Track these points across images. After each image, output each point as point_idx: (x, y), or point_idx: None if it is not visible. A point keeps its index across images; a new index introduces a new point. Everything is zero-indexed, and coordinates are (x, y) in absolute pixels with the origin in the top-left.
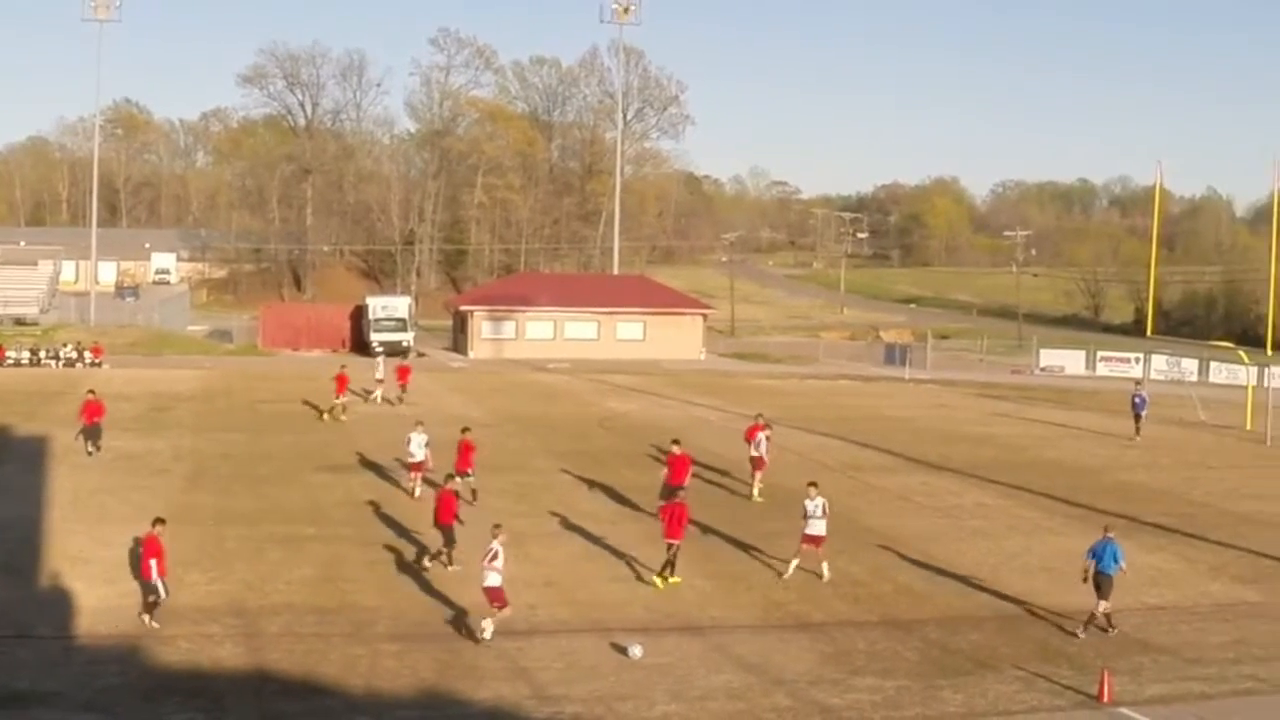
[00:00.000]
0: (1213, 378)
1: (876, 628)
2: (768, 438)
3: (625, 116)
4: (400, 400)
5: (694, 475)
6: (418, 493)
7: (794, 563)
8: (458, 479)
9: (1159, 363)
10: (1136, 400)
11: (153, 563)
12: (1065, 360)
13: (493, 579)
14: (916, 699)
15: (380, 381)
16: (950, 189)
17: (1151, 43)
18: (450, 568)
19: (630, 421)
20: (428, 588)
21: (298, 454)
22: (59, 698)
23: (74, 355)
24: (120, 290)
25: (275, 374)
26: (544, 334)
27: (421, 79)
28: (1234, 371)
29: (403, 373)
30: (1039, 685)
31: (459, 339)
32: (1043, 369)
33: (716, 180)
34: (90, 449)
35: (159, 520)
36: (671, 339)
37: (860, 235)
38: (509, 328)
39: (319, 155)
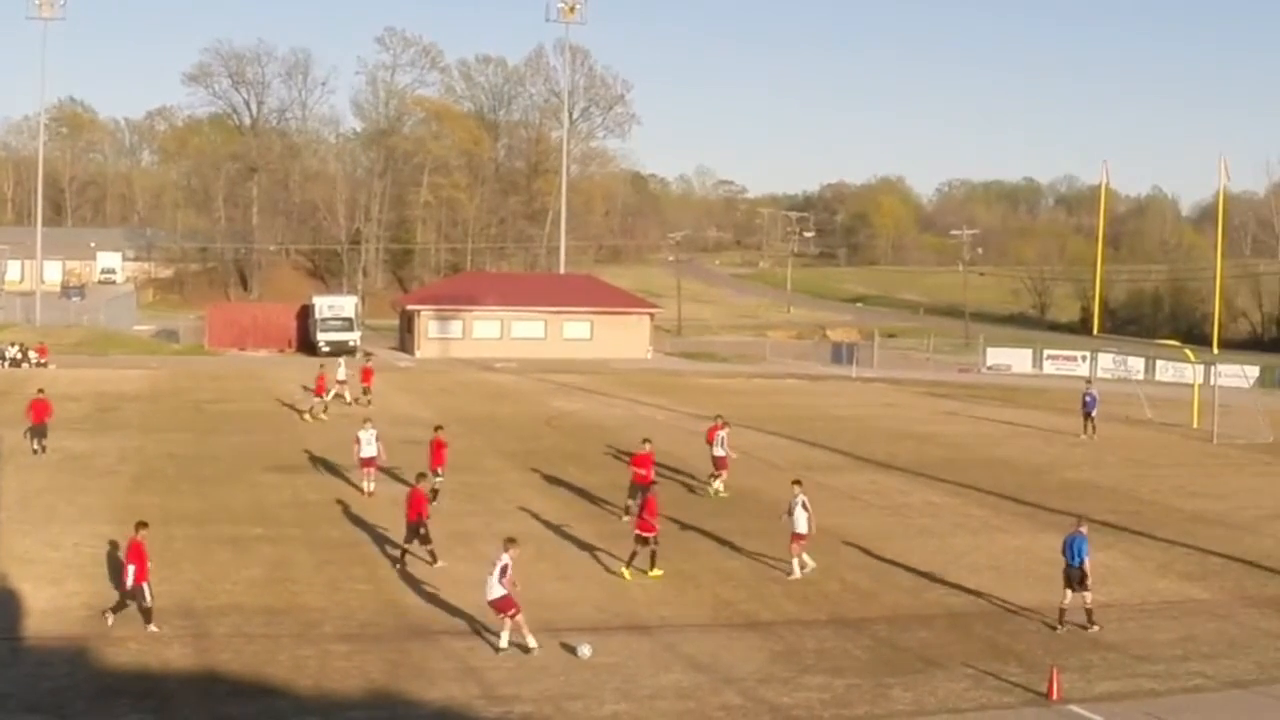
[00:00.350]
0: (1159, 376)
1: (825, 626)
2: (725, 437)
3: (571, 116)
4: (368, 401)
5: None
6: (370, 488)
7: (795, 561)
8: (432, 477)
9: (1105, 361)
10: (1087, 399)
11: (131, 569)
12: (1012, 359)
13: (497, 590)
14: (866, 697)
15: (343, 382)
16: (896, 188)
17: (1097, 42)
18: (398, 566)
19: (577, 421)
20: (376, 588)
21: (245, 454)
22: (7, 699)
23: (18, 356)
24: (66, 290)
25: (222, 374)
26: (491, 333)
27: (367, 78)
28: (1180, 370)
29: (366, 374)
30: (988, 683)
31: (406, 338)
32: (989, 367)
33: (663, 179)
34: (36, 447)
35: (142, 524)
36: (618, 338)
37: (806, 234)
38: (456, 327)
39: (264, 154)
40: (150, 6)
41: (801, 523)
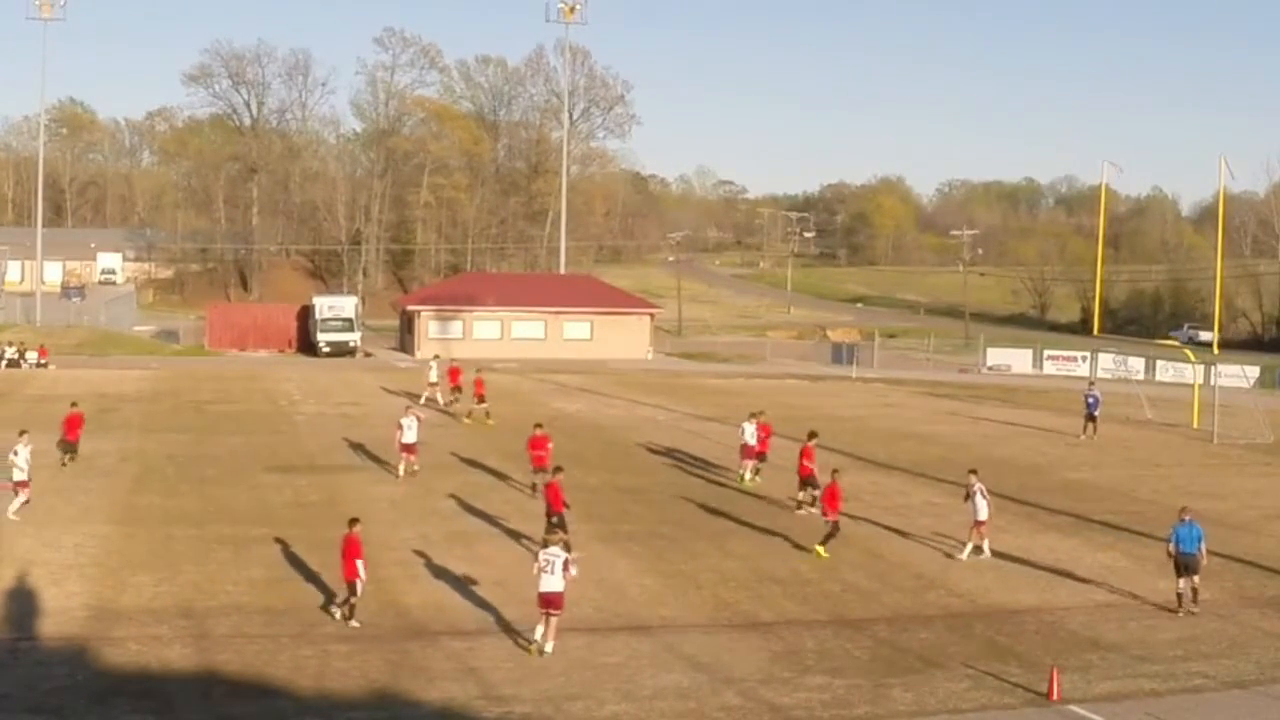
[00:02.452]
0: (1159, 376)
1: (826, 626)
2: (755, 429)
3: (571, 116)
4: (456, 400)
5: (645, 473)
6: (402, 471)
7: (969, 546)
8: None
9: (1106, 361)
10: (1090, 400)
11: (359, 563)
12: (1012, 359)
13: (558, 584)
14: (866, 697)
15: (434, 385)
16: (896, 188)
17: (1097, 42)
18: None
19: (577, 421)
20: (376, 588)
21: (245, 455)
22: (7, 700)
23: (16, 356)
24: (66, 290)
25: (222, 374)
26: (491, 334)
27: (367, 78)
28: (1180, 370)
29: (454, 374)
30: (988, 683)
31: (406, 339)
32: (990, 368)
33: (663, 180)
34: (65, 460)
35: (355, 520)
36: (619, 339)
37: (807, 235)
38: (456, 328)
39: (265, 155)
40: (150, 6)
41: (982, 509)
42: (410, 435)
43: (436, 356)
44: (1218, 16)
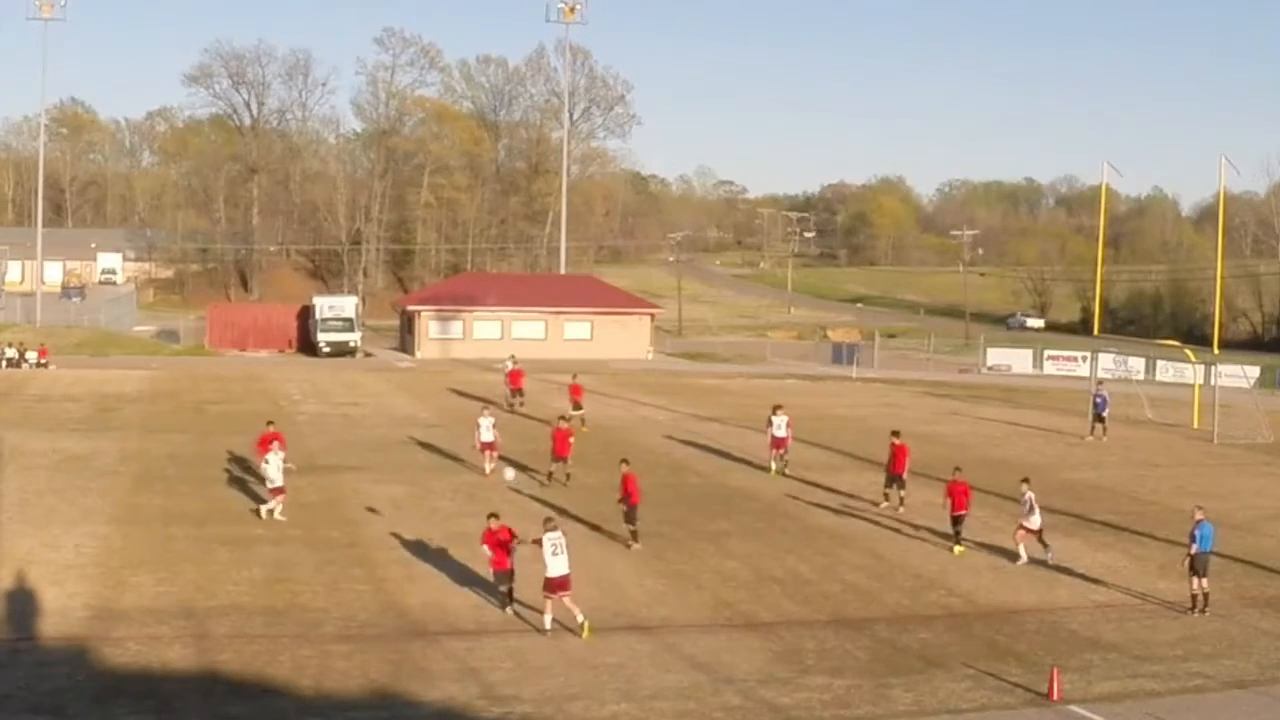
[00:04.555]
0: (1159, 376)
1: (826, 626)
2: (786, 422)
3: (572, 116)
4: (521, 403)
5: (645, 473)
6: (490, 469)
7: (1048, 551)
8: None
9: (1106, 361)
10: (1098, 400)
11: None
12: (1012, 359)
13: (564, 568)
14: (867, 697)
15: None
16: (897, 188)
17: (1097, 42)
18: (633, 546)
19: (577, 421)
20: (376, 588)
21: (246, 455)
22: (7, 700)
23: (16, 356)
24: (66, 290)
25: (222, 375)
26: (491, 334)
27: (367, 78)
28: (1180, 370)
29: (514, 377)
30: (988, 683)
31: (406, 339)
32: (990, 368)
33: (663, 180)
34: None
35: (494, 515)
36: (619, 338)
37: (807, 235)
38: (456, 328)
39: (265, 155)
40: (150, 7)
41: (1034, 519)
42: (487, 435)
43: (512, 357)
44: (1217, 17)
